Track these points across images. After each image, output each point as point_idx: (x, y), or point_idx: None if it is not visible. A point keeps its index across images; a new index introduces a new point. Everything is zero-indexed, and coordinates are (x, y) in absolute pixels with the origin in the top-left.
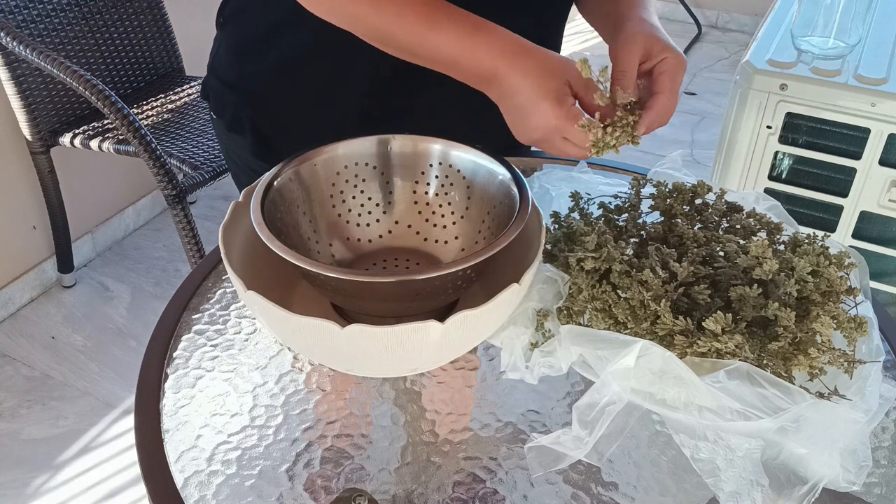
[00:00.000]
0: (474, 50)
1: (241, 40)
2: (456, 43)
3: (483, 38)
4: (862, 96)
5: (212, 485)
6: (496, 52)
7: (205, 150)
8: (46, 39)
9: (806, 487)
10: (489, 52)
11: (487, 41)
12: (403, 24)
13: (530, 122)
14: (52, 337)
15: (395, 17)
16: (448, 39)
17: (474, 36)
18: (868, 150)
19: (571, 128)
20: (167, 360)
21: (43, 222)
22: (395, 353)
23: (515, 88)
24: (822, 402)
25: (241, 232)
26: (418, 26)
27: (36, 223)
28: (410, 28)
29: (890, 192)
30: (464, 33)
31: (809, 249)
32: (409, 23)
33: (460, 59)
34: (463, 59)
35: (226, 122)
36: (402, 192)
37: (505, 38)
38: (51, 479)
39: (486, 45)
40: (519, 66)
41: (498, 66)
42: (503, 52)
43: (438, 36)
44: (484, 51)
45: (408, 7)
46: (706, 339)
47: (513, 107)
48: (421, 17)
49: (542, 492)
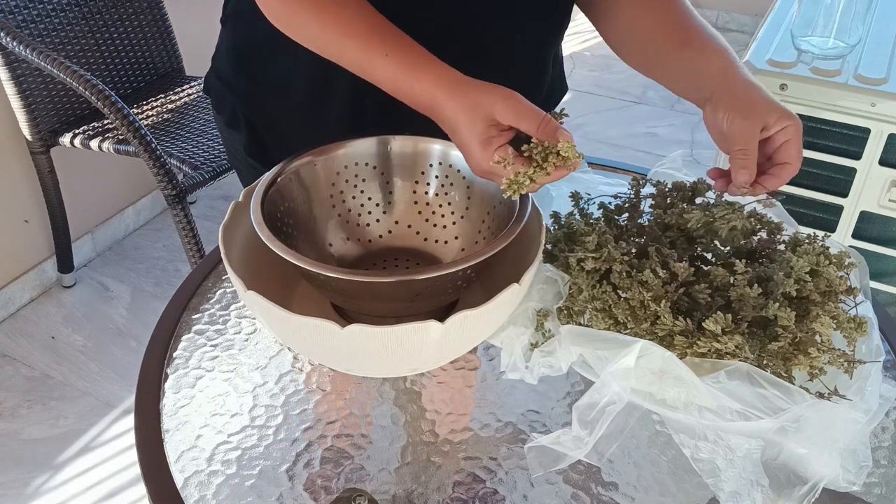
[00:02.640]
0: (409, 88)
1: (239, 41)
2: (392, 79)
3: (415, 74)
4: (862, 96)
5: (212, 485)
6: (430, 92)
7: (205, 150)
8: (46, 39)
9: (806, 487)
10: (424, 92)
11: (419, 78)
12: (344, 52)
13: (470, 162)
14: (52, 337)
15: (338, 43)
16: (384, 75)
17: (408, 72)
18: (868, 150)
19: (501, 171)
20: (167, 360)
21: (43, 222)
22: (395, 353)
23: (451, 126)
24: (822, 402)
25: (241, 232)
26: (358, 54)
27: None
28: (351, 56)
29: (890, 192)
30: (398, 71)
31: (809, 249)
32: (350, 50)
33: (398, 93)
34: (403, 96)
35: (224, 118)
36: (402, 192)
37: (438, 74)
38: (51, 479)
39: (419, 83)
40: (450, 106)
41: (433, 106)
42: (437, 89)
43: (376, 69)
44: (419, 90)
45: (349, 33)
46: (706, 339)
47: (456, 144)
48: (360, 44)
49: (542, 492)
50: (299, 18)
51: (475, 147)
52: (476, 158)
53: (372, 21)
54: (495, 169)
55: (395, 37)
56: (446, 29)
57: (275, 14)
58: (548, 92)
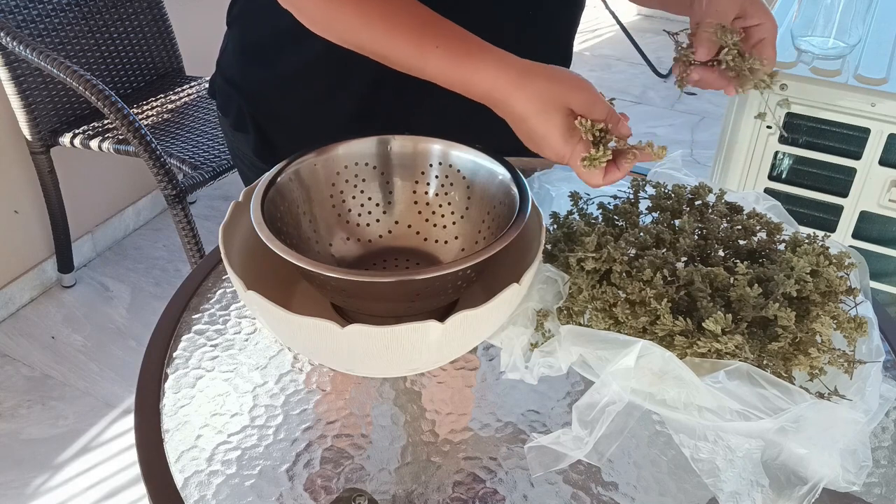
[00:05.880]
0: (465, 80)
1: (246, 42)
2: (446, 72)
3: (473, 65)
4: (862, 96)
5: (212, 485)
6: (489, 82)
7: (205, 150)
8: (46, 39)
9: (806, 488)
10: (482, 82)
11: (478, 69)
12: (393, 48)
13: (546, 152)
14: (52, 337)
15: (385, 39)
16: (437, 67)
17: (465, 63)
18: (868, 150)
19: (576, 165)
20: (167, 360)
21: (43, 222)
22: (395, 353)
23: (520, 116)
24: (822, 402)
25: (241, 232)
26: (409, 49)
27: (36, 223)
28: (401, 52)
29: (890, 192)
30: (452, 63)
31: (809, 249)
32: (399, 46)
33: (454, 87)
34: (457, 88)
35: (231, 120)
36: (402, 192)
37: (498, 63)
38: (51, 479)
39: (478, 73)
40: (518, 97)
41: (495, 96)
42: (497, 80)
43: (428, 63)
44: (477, 80)
45: (397, 28)
46: (706, 339)
47: (523, 132)
48: (411, 39)
49: (542, 492)
50: (341, 18)
51: (555, 139)
52: (557, 150)
53: (419, 13)
54: (571, 161)
55: (447, 27)
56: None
57: (313, 17)
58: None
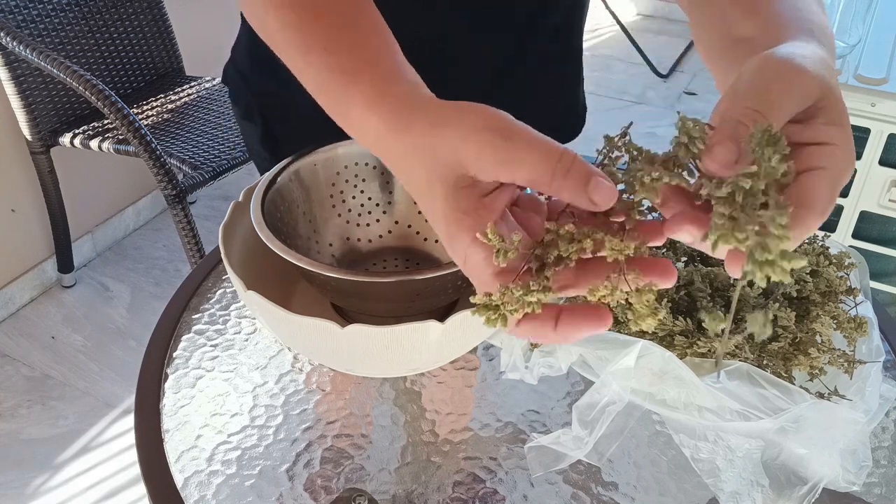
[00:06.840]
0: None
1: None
2: (321, 81)
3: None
4: (862, 96)
5: (212, 485)
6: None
7: (205, 150)
8: (46, 39)
9: (806, 488)
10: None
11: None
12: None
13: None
14: (52, 337)
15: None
16: (316, 74)
17: (341, 76)
18: (868, 150)
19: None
20: (167, 360)
21: (43, 222)
22: (395, 353)
23: (403, 180)
24: (822, 402)
25: (241, 232)
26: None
27: (36, 223)
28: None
29: (890, 192)
30: (330, 71)
31: (809, 249)
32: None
33: (327, 107)
34: (330, 109)
35: (240, 109)
36: (402, 192)
37: (381, 88)
38: (50, 479)
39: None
40: (391, 146)
41: (371, 136)
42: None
43: (310, 65)
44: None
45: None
46: (706, 339)
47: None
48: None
49: (542, 492)
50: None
51: (441, 229)
52: (449, 248)
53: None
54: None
55: (365, 33)
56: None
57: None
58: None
